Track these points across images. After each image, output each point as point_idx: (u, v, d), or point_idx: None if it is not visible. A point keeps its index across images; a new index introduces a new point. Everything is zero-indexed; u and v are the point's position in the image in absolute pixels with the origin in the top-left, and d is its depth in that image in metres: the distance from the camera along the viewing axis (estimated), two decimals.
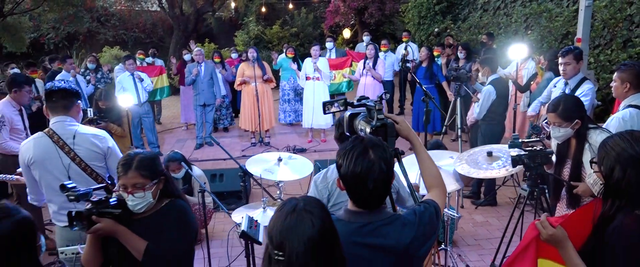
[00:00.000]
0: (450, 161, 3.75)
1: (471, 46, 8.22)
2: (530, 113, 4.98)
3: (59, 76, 7.06)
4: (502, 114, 5.16)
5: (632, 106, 3.11)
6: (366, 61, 7.75)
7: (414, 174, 2.85)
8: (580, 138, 2.78)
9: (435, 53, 7.98)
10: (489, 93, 5.01)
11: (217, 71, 8.13)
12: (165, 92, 8.95)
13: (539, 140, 3.08)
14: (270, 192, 4.36)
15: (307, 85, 7.77)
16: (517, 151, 2.96)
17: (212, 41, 14.52)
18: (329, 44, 8.99)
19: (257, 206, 3.52)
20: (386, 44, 8.95)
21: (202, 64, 7.70)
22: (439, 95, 7.45)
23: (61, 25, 15.49)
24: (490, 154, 3.50)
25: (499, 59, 6.13)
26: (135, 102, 6.71)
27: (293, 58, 8.35)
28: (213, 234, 4.83)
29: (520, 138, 3.05)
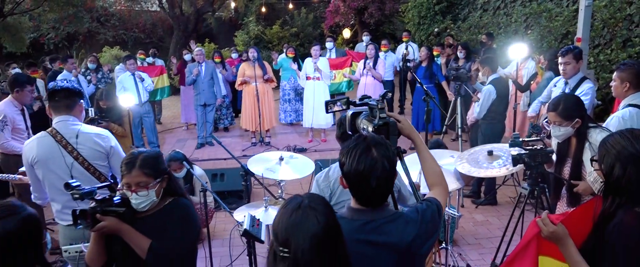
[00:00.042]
0: (451, 160, 3.76)
1: (471, 46, 8.24)
2: (531, 114, 4.99)
3: (60, 76, 7.07)
4: (502, 113, 5.17)
5: (631, 105, 3.12)
6: (366, 61, 7.76)
7: (415, 172, 2.86)
8: (581, 137, 2.79)
9: (435, 53, 8.01)
10: (489, 93, 5.02)
11: (217, 71, 8.14)
12: (165, 92, 8.97)
13: (540, 139, 3.10)
14: (271, 191, 4.37)
15: (307, 85, 7.79)
16: (518, 149, 2.98)
17: (212, 41, 14.51)
18: (328, 44, 9.00)
19: (259, 205, 3.53)
20: (386, 44, 8.96)
21: (203, 64, 7.71)
22: (438, 95, 7.47)
23: (61, 25, 15.50)
24: (490, 153, 3.51)
25: (499, 58, 6.15)
26: (136, 102, 6.72)
27: (293, 58, 8.37)
28: (214, 234, 4.83)
29: (521, 137, 3.07)
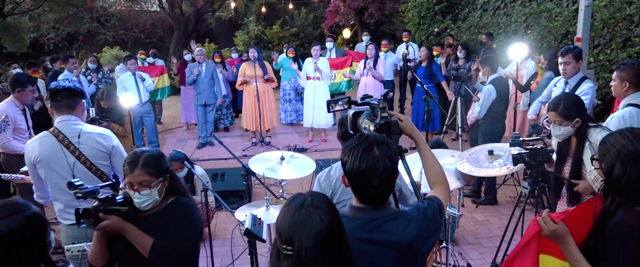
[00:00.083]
0: (451, 159, 3.77)
1: (471, 46, 8.25)
2: (531, 116, 5.00)
3: (61, 76, 7.07)
4: (502, 113, 5.18)
5: (631, 105, 3.13)
6: (367, 61, 7.77)
7: (417, 171, 2.87)
8: (581, 136, 2.81)
9: (435, 53, 8.02)
10: (489, 92, 5.03)
11: (217, 71, 8.15)
12: (166, 92, 8.98)
13: (540, 138, 3.11)
14: (272, 191, 4.38)
15: (307, 85, 7.80)
16: (518, 149, 2.98)
17: (212, 41, 14.52)
18: (329, 44, 9.01)
19: (260, 205, 3.53)
20: (386, 44, 8.97)
21: (203, 64, 7.72)
22: (438, 95, 7.48)
23: (61, 25, 15.51)
24: (491, 153, 3.52)
25: (499, 58, 6.15)
26: (137, 101, 6.73)
27: (294, 58, 8.38)
28: (215, 233, 4.84)
29: (521, 137, 3.08)
